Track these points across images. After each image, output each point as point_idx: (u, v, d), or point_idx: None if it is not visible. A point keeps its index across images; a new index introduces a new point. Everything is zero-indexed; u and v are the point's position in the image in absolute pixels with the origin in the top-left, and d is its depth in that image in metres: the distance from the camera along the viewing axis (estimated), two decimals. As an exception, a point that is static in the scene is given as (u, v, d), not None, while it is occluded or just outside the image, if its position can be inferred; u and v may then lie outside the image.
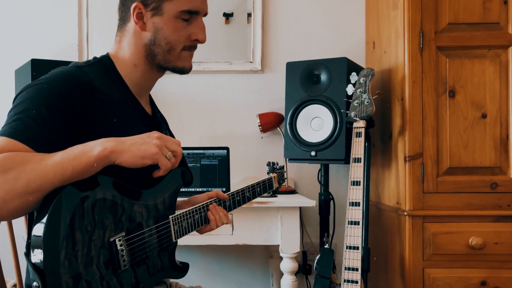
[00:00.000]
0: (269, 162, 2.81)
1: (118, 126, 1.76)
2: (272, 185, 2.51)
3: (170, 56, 1.89)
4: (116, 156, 1.57)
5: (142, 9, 1.85)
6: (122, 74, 1.89)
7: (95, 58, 1.90)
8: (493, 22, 3.00)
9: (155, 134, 1.66)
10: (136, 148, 1.60)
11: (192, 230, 1.99)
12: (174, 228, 1.89)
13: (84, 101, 1.68)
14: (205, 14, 1.94)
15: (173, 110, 3.89)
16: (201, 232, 2.09)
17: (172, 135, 2.15)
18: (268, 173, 2.62)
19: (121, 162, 1.58)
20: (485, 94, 3.00)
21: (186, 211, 1.97)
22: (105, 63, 1.88)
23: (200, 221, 2.03)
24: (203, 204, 2.06)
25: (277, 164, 2.69)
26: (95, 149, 1.54)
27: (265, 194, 2.59)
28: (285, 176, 2.71)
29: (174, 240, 1.89)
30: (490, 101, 3.00)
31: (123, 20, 1.93)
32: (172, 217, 1.89)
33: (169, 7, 1.85)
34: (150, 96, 2.08)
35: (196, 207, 2.02)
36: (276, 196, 2.70)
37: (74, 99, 1.66)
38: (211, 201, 2.10)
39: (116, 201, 1.65)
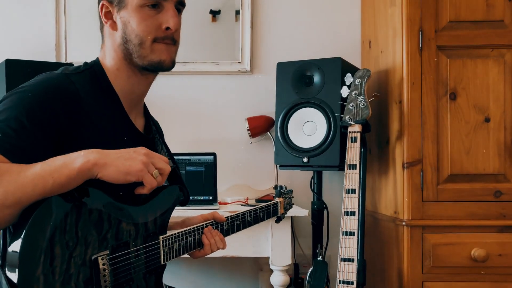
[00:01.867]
0: (276, 185, 2.79)
1: (103, 141, 1.73)
2: (277, 211, 2.51)
3: (143, 50, 1.85)
4: (98, 169, 1.56)
5: (109, 6, 1.87)
6: (112, 81, 1.89)
7: (85, 64, 1.90)
8: (497, 20, 3.00)
9: (142, 150, 1.65)
10: (120, 163, 1.58)
11: (183, 253, 1.97)
12: (163, 250, 1.87)
13: (68, 113, 1.67)
14: (178, 2, 1.91)
15: (156, 114, 3.82)
16: (194, 256, 2.07)
17: (167, 148, 2.14)
18: (274, 197, 2.61)
19: (103, 176, 1.57)
20: (488, 97, 3.00)
21: (178, 232, 1.94)
22: (95, 71, 1.88)
23: (193, 244, 2.01)
24: (198, 226, 2.04)
25: (285, 188, 2.67)
26: (77, 161, 1.53)
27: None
28: (293, 202, 2.73)
29: (162, 263, 1.87)
30: (493, 104, 3.00)
31: (101, 24, 1.94)
32: (162, 238, 1.87)
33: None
34: (145, 105, 2.08)
35: (189, 229, 2.00)
36: (279, 223, 2.72)
37: (57, 110, 1.65)
38: (207, 223, 2.08)
39: (102, 217, 1.63)
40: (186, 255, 2.02)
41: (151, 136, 2.05)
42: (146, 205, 1.82)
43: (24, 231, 1.42)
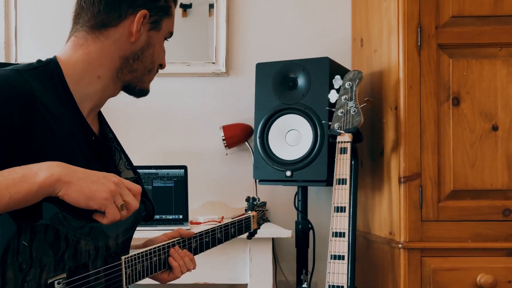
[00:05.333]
0: (248, 197, 2.80)
1: (59, 147, 1.74)
2: (250, 226, 2.55)
3: (148, 77, 2.01)
4: (61, 186, 1.55)
5: (146, 19, 1.93)
6: (70, 85, 1.86)
7: (39, 61, 1.87)
8: (507, 15, 3.01)
9: (113, 177, 1.66)
10: (86, 185, 1.59)
11: (147, 275, 1.98)
12: (126, 272, 1.87)
13: (23, 114, 1.66)
14: None
15: (118, 121, 3.84)
16: (163, 281, 2.10)
17: (126, 157, 2.15)
18: (246, 211, 2.63)
19: (63, 195, 1.56)
20: (496, 102, 3.01)
21: (141, 252, 1.95)
22: (50, 70, 1.85)
23: (159, 265, 2.03)
24: (163, 245, 2.05)
25: (258, 200, 2.67)
26: (39, 175, 1.52)
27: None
28: (266, 216, 2.81)
29: (125, 286, 1.87)
30: (502, 111, 3.00)
31: (103, 21, 1.91)
32: (125, 258, 1.87)
33: (165, 25, 2.00)
34: (99, 111, 2.09)
35: (154, 248, 2.01)
36: (251, 239, 2.73)
37: (12, 111, 1.64)
38: (173, 241, 2.10)
39: (59, 236, 1.62)
40: (155, 282, 2.07)
41: (108, 143, 2.06)
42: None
43: None
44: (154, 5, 1.94)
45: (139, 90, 2.01)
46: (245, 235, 2.59)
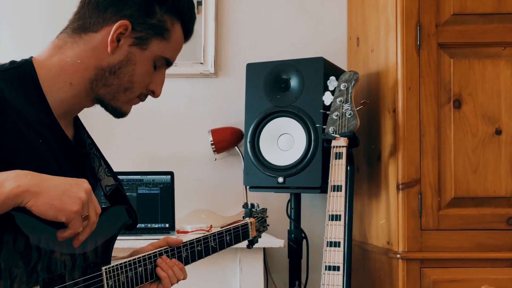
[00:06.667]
0: (245, 204, 2.79)
1: (30, 153, 1.72)
2: (248, 233, 2.49)
3: (123, 96, 1.92)
4: (29, 197, 1.52)
5: (128, 31, 1.86)
6: (45, 88, 1.84)
7: (12, 62, 1.86)
8: (511, 13, 3.03)
9: (84, 183, 1.64)
10: (55, 195, 1.55)
11: (133, 287, 1.95)
12: (108, 283, 1.84)
13: None
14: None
15: (100, 124, 3.83)
16: None
17: (106, 163, 2.13)
18: (244, 218, 2.59)
19: (31, 206, 1.53)
20: (499, 104, 3.02)
21: (124, 262, 1.92)
22: (24, 72, 1.83)
23: (145, 276, 1.99)
24: (149, 254, 2.02)
25: (257, 206, 2.65)
26: (6, 185, 1.49)
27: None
28: (267, 223, 2.80)
29: None
30: (506, 113, 3.02)
31: (85, 24, 1.90)
32: (106, 269, 1.84)
33: (155, 46, 1.91)
34: (77, 116, 2.08)
35: (139, 257, 1.98)
36: (251, 248, 2.72)
37: None
38: (160, 250, 2.07)
39: (30, 245, 1.60)
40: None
41: (86, 150, 2.04)
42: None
43: None
44: (143, 20, 1.87)
45: (112, 108, 1.94)
46: (244, 243, 2.56)
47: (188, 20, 1.99)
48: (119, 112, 1.96)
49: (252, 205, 2.66)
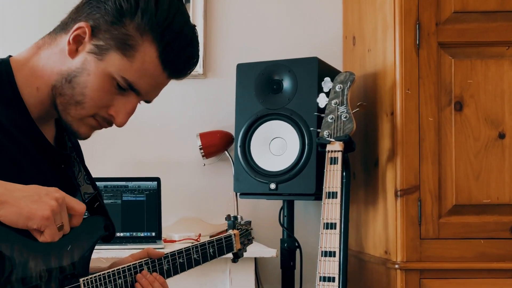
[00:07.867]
0: (228, 216, 2.76)
1: (6, 159, 1.73)
2: (232, 245, 2.47)
3: (73, 110, 1.81)
4: None
5: (87, 35, 1.78)
6: (21, 89, 1.83)
7: None
8: None
9: (55, 192, 1.63)
10: (24, 204, 1.57)
11: None
12: None
13: None
14: (146, 101, 1.94)
15: None
16: None
17: (86, 170, 2.11)
18: (227, 230, 2.57)
19: (0, 216, 1.55)
20: (503, 107, 3.02)
21: (103, 273, 1.91)
22: (0, 71, 1.83)
23: None
24: (129, 266, 2.01)
25: (241, 218, 2.63)
26: None
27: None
28: (252, 235, 2.78)
29: None
30: (509, 116, 3.02)
31: (62, 25, 1.87)
32: (84, 281, 1.83)
33: (113, 61, 1.77)
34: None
35: (118, 269, 1.97)
36: (237, 262, 2.71)
37: None
38: (141, 262, 2.05)
39: (3, 256, 1.60)
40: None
41: (66, 152, 2.02)
42: (60, 239, 1.74)
43: None
44: (107, 28, 1.77)
45: (64, 123, 1.84)
46: (229, 256, 2.54)
47: (171, 47, 1.79)
48: (70, 130, 1.85)
49: (235, 218, 2.65)
